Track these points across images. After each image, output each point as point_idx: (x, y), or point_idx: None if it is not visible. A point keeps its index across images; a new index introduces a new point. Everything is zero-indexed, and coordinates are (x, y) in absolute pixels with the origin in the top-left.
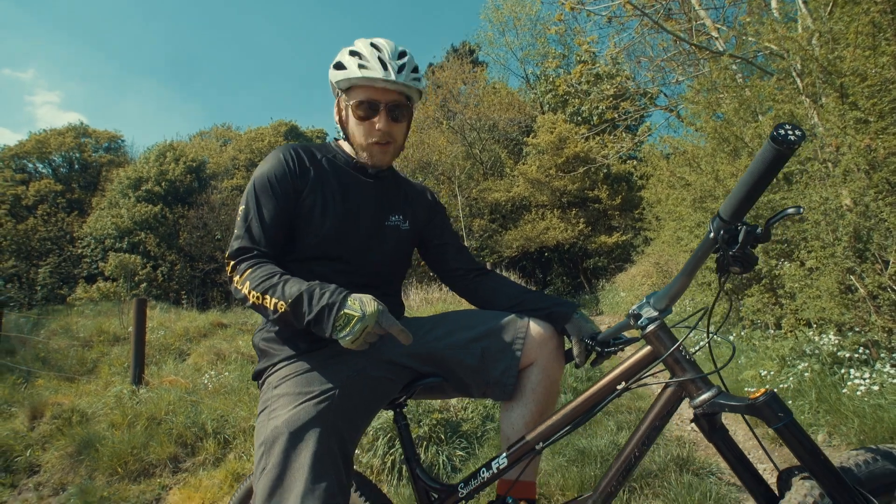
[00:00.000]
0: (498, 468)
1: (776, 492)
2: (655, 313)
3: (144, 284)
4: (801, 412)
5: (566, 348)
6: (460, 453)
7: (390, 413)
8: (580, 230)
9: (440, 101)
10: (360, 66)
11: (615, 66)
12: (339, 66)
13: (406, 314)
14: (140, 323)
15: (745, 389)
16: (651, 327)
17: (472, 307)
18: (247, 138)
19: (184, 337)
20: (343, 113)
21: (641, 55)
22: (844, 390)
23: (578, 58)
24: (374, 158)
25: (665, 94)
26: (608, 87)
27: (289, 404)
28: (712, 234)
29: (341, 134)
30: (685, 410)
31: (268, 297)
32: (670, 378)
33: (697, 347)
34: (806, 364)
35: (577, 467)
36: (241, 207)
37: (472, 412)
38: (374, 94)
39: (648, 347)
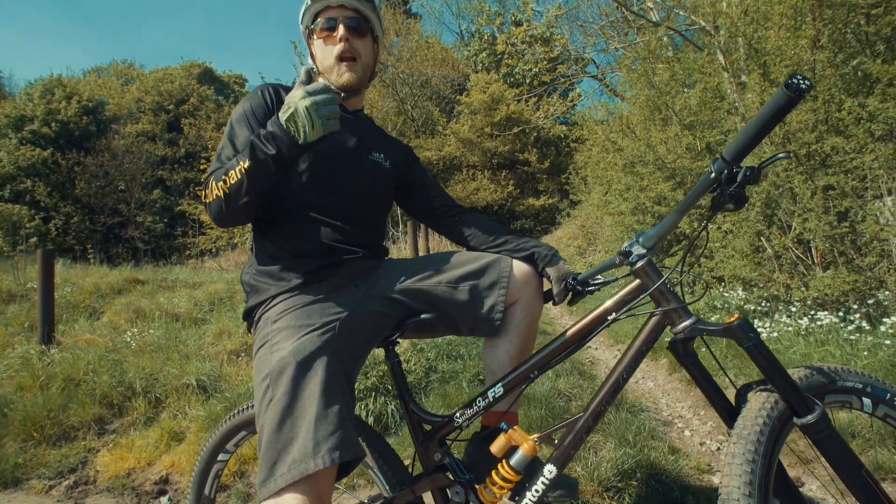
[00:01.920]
0: (494, 397)
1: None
2: (644, 251)
3: (35, 238)
4: (710, 358)
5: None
6: None
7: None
8: (509, 192)
9: None
10: None
11: (549, 29)
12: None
13: None
14: (47, 277)
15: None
16: (640, 263)
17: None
18: (153, 79)
19: (95, 294)
20: (314, 51)
21: (581, 20)
22: None
23: (514, 17)
24: (343, 77)
25: (595, 63)
26: (546, 50)
27: (292, 336)
28: (713, 174)
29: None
30: (611, 361)
31: (231, 172)
32: (655, 308)
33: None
34: (717, 317)
35: (522, 410)
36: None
37: (415, 364)
38: (331, 12)
39: (637, 281)
